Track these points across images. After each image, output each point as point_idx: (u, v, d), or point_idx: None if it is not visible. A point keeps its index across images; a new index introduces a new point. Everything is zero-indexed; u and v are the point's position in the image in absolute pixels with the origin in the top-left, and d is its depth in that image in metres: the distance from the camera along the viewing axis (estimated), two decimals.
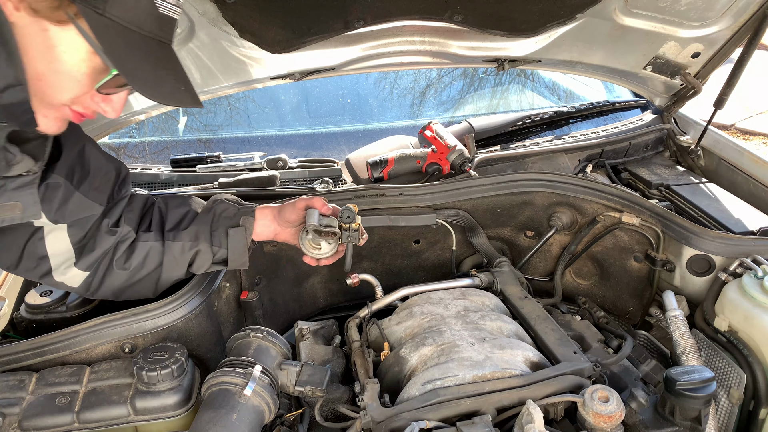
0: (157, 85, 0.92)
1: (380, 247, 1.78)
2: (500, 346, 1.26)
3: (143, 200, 1.35)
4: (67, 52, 0.84)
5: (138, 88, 0.89)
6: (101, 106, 0.97)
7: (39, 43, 0.82)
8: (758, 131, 6.07)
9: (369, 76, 2.69)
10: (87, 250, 1.23)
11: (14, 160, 1.00)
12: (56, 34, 0.82)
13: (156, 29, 0.88)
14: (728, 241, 1.53)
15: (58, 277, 1.23)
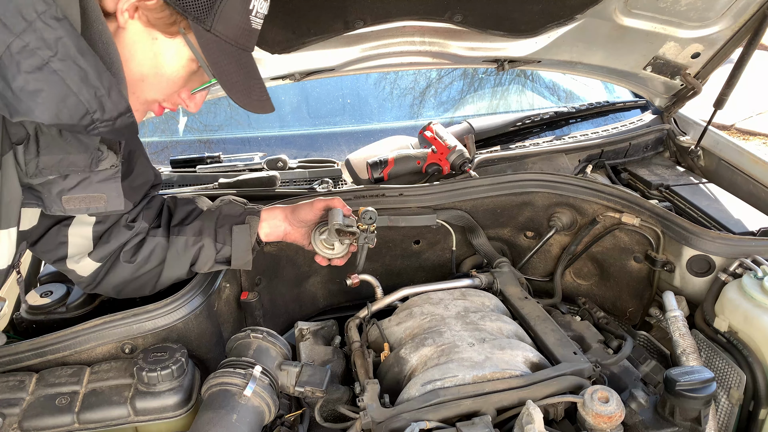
0: (248, 94, 1.02)
1: (380, 247, 1.78)
2: (500, 347, 1.26)
3: (161, 200, 1.38)
4: (171, 59, 0.94)
5: (234, 97, 1.00)
6: (186, 102, 1.08)
7: (147, 49, 0.92)
8: (758, 131, 6.07)
9: (369, 77, 2.69)
10: (103, 242, 1.26)
11: (102, 156, 1.07)
12: (164, 43, 0.92)
13: (245, 41, 0.98)
14: (728, 242, 1.53)
15: (71, 264, 1.26)
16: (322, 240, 1.38)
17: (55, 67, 0.79)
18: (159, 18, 0.89)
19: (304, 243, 1.42)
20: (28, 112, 0.82)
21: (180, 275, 1.34)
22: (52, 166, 1.00)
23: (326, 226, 1.36)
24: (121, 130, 0.92)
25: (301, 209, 1.39)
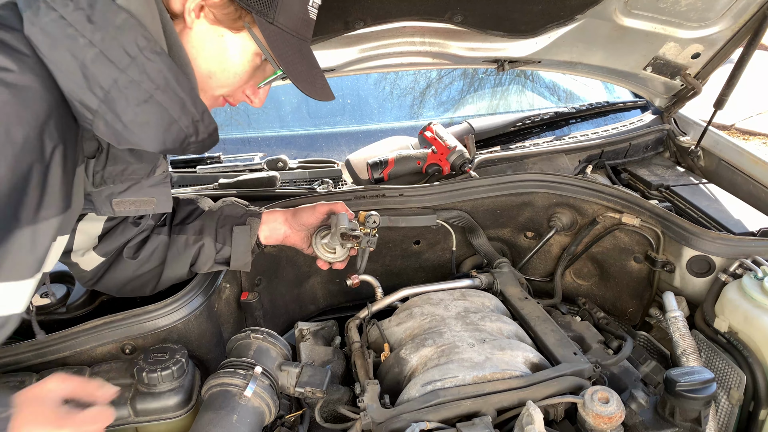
0: (312, 83, 1.04)
1: (380, 247, 1.78)
2: (500, 347, 1.26)
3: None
4: (237, 54, 0.96)
5: (300, 86, 1.01)
6: (251, 97, 1.11)
7: (215, 46, 0.94)
8: (758, 131, 6.07)
9: (369, 77, 2.69)
10: (108, 237, 1.27)
11: (158, 163, 1.12)
12: (230, 39, 0.94)
13: (304, 31, 0.99)
14: (728, 242, 1.53)
15: (76, 258, 1.27)
16: (323, 244, 1.38)
17: (159, 99, 0.85)
18: (225, 14, 0.91)
19: (304, 247, 1.42)
20: (139, 142, 0.88)
21: (181, 275, 1.34)
22: (115, 175, 1.05)
23: (328, 230, 1.36)
24: (208, 146, 0.99)
25: (303, 213, 1.39)
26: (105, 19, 0.80)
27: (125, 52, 0.82)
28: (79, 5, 0.79)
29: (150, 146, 0.89)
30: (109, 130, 0.86)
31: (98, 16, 0.80)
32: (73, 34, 0.79)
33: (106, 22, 0.80)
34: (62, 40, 0.79)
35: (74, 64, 0.80)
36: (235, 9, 0.91)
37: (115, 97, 0.83)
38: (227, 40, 0.95)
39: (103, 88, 0.82)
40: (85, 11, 0.79)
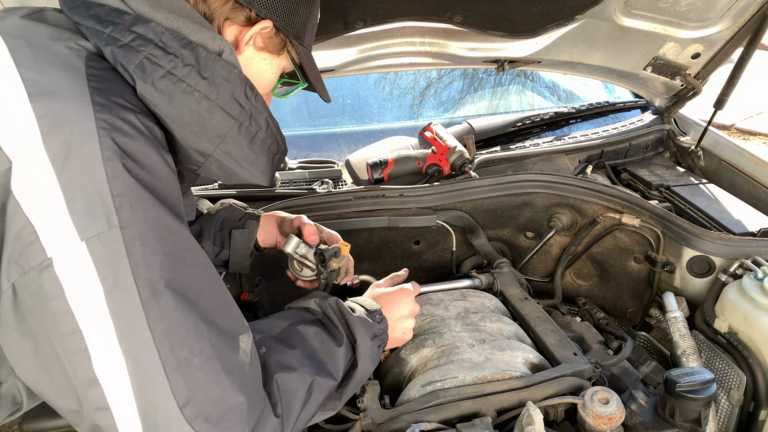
0: (323, 88, 1.14)
1: (380, 247, 1.78)
2: (500, 348, 1.26)
3: None
4: (272, 73, 1.05)
5: (321, 95, 1.14)
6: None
7: (257, 67, 1.02)
8: (758, 131, 6.07)
9: (369, 77, 2.69)
10: None
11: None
12: (271, 61, 1.03)
13: (312, 44, 1.10)
14: (728, 243, 1.53)
15: None
16: (295, 261, 1.35)
17: (263, 138, 0.95)
18: (271, 42, 1.00)
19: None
20: (250, 178, 0.96)
21: None
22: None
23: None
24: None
25: (285, 223, 1.40)
26: (215, 74, 0.87)
27: (237, 102, 0.89)
28: (186, 61, 0.84)
29: (261, 180, 0.98)
30: (221, 170, 0.94)
31: (208, 71, 0.86)
32: (188, 90, 0.84)
33: (217, 76, 0.87)
34: (178, 95, 0.84)
35: (192, 117, 0.86)
36: (280, 38, 1.01)
37: (229, 141, 0.90)
38: (268, 62, 1.03)
39: (219, 135, 0.89)
40: (195, 67, 0.85)
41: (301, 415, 0.92)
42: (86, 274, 0.72)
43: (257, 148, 0.94)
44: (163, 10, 0.86)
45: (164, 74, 0.83)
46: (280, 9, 0.97)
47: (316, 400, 0.94)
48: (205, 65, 0.86)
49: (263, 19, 0.95)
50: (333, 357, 1.00)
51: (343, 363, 1.02)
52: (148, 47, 0.82)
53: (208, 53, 0.87)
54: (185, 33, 0.86)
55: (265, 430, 0.84)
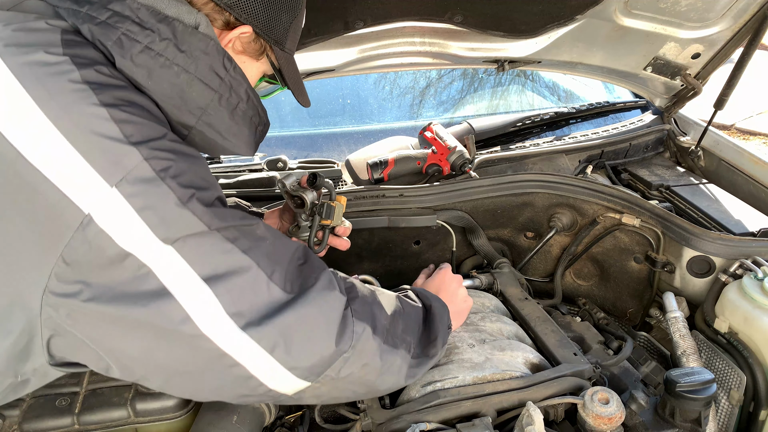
0: (302, 93, 1.17)
1: (380, 248, 1.78)
2: (500, 348, 1.26)
3: None
4: (252, 76, 1.05)
5: (300, 100, 1.18)
6: None
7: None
8: (758, 131, 6.07)
9: (369, 77, 2.69)
10: None
11: None
12: (250, 65, 1.04)
13: (295, 49, 1.10)
14: (728, 243, 1.53)
15: None
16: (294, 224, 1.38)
17: (244, 109, 0.96)
18: (251, 47, 1.01)
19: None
20: (234, 149, 0.97)
21: None
22: None
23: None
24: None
25: (285, 206, 1.42)
26: (192, 46, 0.87)
27: (216, 74, 0.90)
28: (163, 35, 0.85)
29: (244, 151, 0.99)
30: (205, 142, 0.94)
31: (186, 44, 0.87)
32: (166, 63, 0.85)
33: (194, 49, 0.87)
34: (156, 69, 0.85)
35: (172, 90, 0.86)
36: (260, 43, 1.01)
37: (211, 113, 0.91)
38: (247, 65, 1.03)
39: (200, 107, 0.90)
40: (172, 41, 0.85)
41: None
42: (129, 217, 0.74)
43: (239, 120, 0.95)
44: None
45: (142, 49, 0.83)
46: (261, 15, 0.97)
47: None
48: (182, 39, 0.86)
49: (243, 24, 0.96)
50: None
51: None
52: (125, 23, 0.83)
53: (185, 26, 0.87)
54: (161, 8, 0.86)
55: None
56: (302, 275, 0.89)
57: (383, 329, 0.97)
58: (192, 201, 0.78)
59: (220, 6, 0.93)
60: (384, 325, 0.97)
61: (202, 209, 0.79)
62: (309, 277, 0.90)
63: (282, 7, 0.99)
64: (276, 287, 0.83)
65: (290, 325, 0.83)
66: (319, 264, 0.94)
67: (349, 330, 0.90)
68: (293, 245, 0.93)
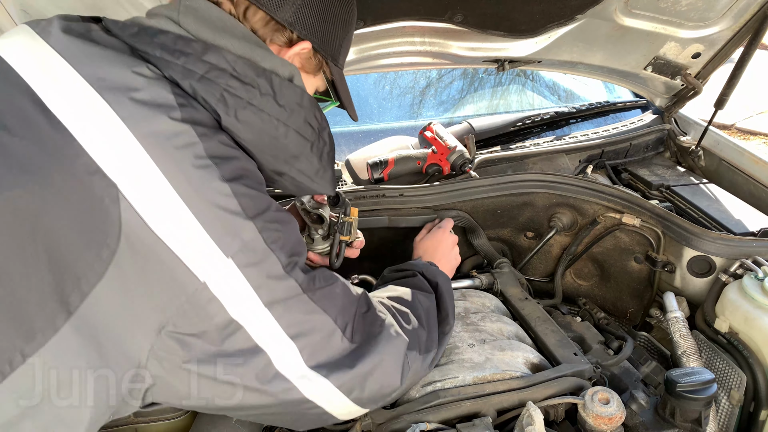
0: (352, 107, 1.17)
1: (380, 247, 1.78)
2: (500, 348, 1.26)
3: None
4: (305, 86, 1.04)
5: (349, 113, 1.18)
6: None
7: None
8: (759, 131, 6.07)
9: (368, 76, 2.69)
10: None
11: None
12: (307, 80, 1.04)
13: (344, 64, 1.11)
14: (729, 242, 1.53)
15: None
16: (305, 234, 1.39)
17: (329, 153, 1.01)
18: (309, 62, 1.02)
19: None
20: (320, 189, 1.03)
21: None
22: None
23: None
24: None
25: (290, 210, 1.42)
26: (289, 100, 0.91)
27: (310, 126, 0.94)
28: (263, 90, 0.87)
29: (329, 190, 1.05)
30: (294, 185, 1.00)
31: (284, 99, 0.90)
32: (267, 118, 0.88)
33: (291, 102, 0.91)
34: (258, 124, 0.88)
35: (270, 142, 0.90)
36: (317, 59, 1.03)
37: (303, 160, 0.96)
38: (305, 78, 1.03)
39: (294, 155, 0.94)
40: (271, 96, 0.88)
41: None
42: (241, 286, 0.79)
43: (325, 162, 1.00)
44: (224, 35, 0.88)
45: (245, 106, 0.86)
46: (319, 31, 0.98)
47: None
48: (280, 93, 0.89)
49: (303, 41, 0.97)
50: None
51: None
52: (224, 78, 0.84)
53: (281, 80, 0.90)
54: (257, 60, 0.88)
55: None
56: (367, 323, 0.97)
57: (423, 345, 1.05)
58: (295, 269, 0.86)
59: (281, 24, 0.94)
60: (423, 341, 1.05)
61: (302, 276, 0.87)
62: (374, 324, 0.98)
63: (338, 23, 1.01)
64: (347, 340, 0.92)
65: (366, 372, 0.92)
66: (381, 313, 1.01)
67: (407, 365, 0.99)
68: (357, 296, 1.00)
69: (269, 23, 0.94)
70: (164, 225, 0.75)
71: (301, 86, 0.93)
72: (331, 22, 1.00)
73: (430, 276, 1.24)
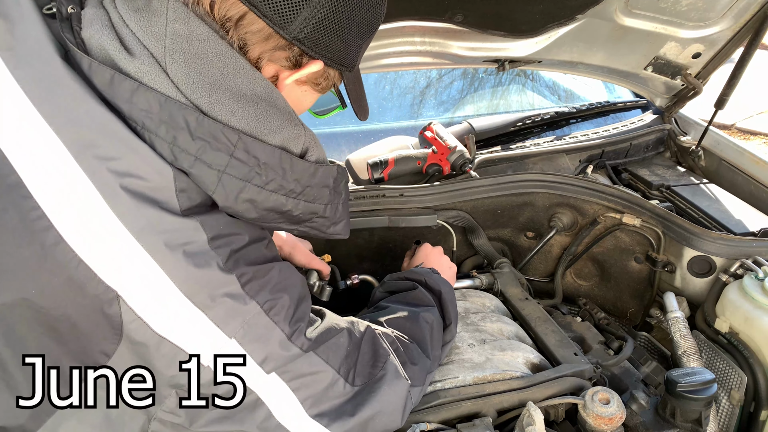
0: (364, 109, 1.04)
1: (380, 247, 1.78)
2: (501, 348, 1.26)
3: None
4: (309, 99, 0.96)
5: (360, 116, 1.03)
6: None
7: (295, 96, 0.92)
8: (759, 131, 6.06)
9: (368, 76, 2.68)
10: None
11: None
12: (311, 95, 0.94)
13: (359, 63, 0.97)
14: (729, 242, 1.53)
15: None
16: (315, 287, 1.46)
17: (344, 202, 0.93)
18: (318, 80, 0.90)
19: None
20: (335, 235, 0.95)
21: None
22: None
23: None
24: None
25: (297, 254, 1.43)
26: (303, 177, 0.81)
27: (327, 189, 0.86)
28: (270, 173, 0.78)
29: (345, 234, 0.96)
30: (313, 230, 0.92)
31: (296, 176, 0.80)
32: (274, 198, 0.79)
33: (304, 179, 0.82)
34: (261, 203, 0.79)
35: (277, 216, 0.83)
36: (328, 74, 0.91)
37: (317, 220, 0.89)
38: (307, 95, 0.95)
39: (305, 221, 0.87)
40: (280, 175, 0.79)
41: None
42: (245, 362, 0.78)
43: (341, 212, 0.92)
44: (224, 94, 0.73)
45: (247, 188, 0.76)
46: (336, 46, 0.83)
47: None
48: (290, 171, 0.79)
49: (313, 60, 0.83)
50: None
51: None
52: (222, 159, 0.73)
53: (292, 158, 0.80)
54: (262, 135, 0.76)
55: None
56: (369, 365, 0.95)
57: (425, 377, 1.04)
58: (300, 337, 0.83)
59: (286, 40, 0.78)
60: (426, 373, 1.04)
61: (307, 342, 0.84)
62: (376, 366, 0.95)
63: (361, 31, 0.87)
64: (348, 385, 0.89)
65: (367, 418, 0.90)
66: (383, 352, 0.98)
67: (409, 403, 0.98)
68: (360, 339, 0.96)
69: (270, 38, 0.78)
70: (167, 323, 0.73)
71: (315, 159, 0.83)
72: (353, 31, 0.84)
73: (433, 284, 1.22)
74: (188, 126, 0.71)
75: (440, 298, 1.20)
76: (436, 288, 1.22)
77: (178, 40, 0.71)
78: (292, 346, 0.82)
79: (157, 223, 0.70)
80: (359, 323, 1.00)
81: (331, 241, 1.71)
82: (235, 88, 0.75)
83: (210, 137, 0.72)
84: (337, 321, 0.95)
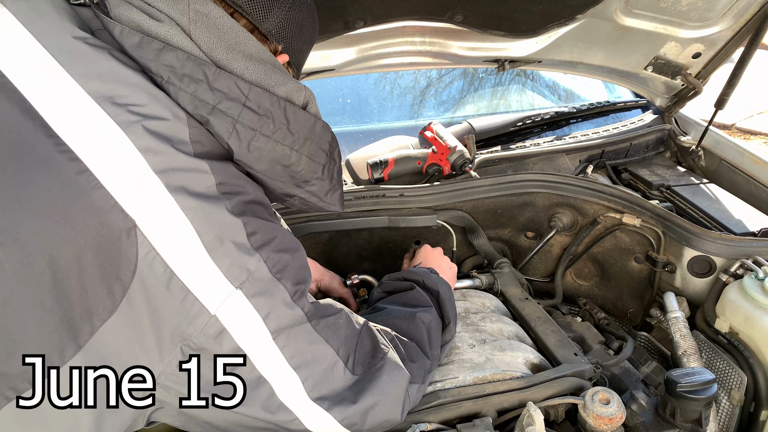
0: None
1: (380, 247, 1.78)
2: (501, 348, 1.26)
3: None
4: None
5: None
6: None
7: None
8: (759, 131, 6.06)
9: (369, 76, 2.68)
10: None
11: None
12: None
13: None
14: (729, 243, 1.53)
15: None
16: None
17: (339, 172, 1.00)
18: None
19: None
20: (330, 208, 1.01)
21: None
22: None
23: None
24: None
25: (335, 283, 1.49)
26: (302, 127, 0.88)
27: (323, 151, 0.93)
28: (277, 121, 0.86)
29: (339, 208, 1.02)
30: (305, 204, 0.99)
31: (297, 127, 0.88)
32: (278, 147, 0.87)
33: (303, 129, 0.89)
34: (268, 152, 0.86)
35: (282, 170, 0.89)
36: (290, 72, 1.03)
37: (314, 184, 0.95)
38: None
39: (306, 180, 0.93)
40: (285, 125, 0.86)
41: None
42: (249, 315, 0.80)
43: (335, 182, 0.99)
44: (237, 55, 0.84)
45: (257, 137, 0.84)
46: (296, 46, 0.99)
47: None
48: (294, 121, 0.87)
49: (283, 54, 0.97)
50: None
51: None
52: (236, 109, 0.82)
53: (296, 109, 0.88)
54: (270, 87, 0.86)
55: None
56: (369, 355, 0.97)
57: (424, 375, 1.05)
58: (302, 298, 0.86)
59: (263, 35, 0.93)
60: (425, 372, 1.05)
61: (308, 305, 0.87)
62: (376, 356, 0.97)
63: (309, 39, 1.02)
64: (349, 372, 0.92)
65: (367, 407, 0.92)
66: (383, 346, 1.00)
67: (408, 398, 0.99)
68: (359, 328, 0.99)
69: (252, 33, 0.91)
70: (179, 259, 0.75)
71: (314, 113, 0.91)
72: (304, 36, 1.00)
73: (431, 284, 1.23)
74: (207, 78, 0.81)
75: (438, 298, 1.20)
76: (433, 288, 1.22)
77: (199, 15, 0.83)
78: (295, 306, 0.84)
79: (173, 160, 0.77)
80: (357, 317, 1.01)
81: (332, 241, 1.71)
82: (247, 51, 0.86)
83: (226, 88, 0.81)
84: (335, 303, 0.98)
